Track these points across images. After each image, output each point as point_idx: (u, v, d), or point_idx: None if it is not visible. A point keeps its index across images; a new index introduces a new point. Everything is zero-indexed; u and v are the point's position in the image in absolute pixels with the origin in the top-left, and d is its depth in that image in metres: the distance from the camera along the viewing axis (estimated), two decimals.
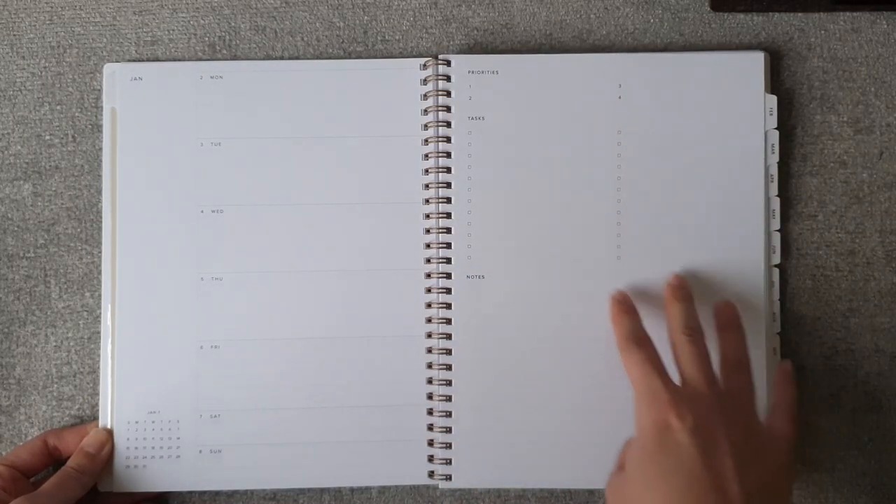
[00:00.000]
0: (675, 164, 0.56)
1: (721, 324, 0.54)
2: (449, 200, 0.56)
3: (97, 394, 0.57)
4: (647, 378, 0.48)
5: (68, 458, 0.55)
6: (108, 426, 0.56)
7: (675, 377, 0.50)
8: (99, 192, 0.58)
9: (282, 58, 0.58)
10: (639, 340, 0.51)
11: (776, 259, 0.56)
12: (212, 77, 0.57)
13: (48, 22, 0.59)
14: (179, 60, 0.58)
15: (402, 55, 0.58)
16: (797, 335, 0.57)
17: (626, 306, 0.54)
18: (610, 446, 0.55)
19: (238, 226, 0.56)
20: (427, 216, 0.56)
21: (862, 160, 0.58)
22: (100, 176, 0.58)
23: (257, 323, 0.56)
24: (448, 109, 0.56)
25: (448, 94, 0.56)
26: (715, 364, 0.51)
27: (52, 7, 0.59)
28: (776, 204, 0.57)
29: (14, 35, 0.58)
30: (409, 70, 0.57)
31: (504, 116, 0.56)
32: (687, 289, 0.54)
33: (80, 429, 0.56)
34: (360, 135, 0.57)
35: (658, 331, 0.55)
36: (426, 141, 0.57)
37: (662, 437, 0.46)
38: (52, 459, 0.55)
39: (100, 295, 0.57)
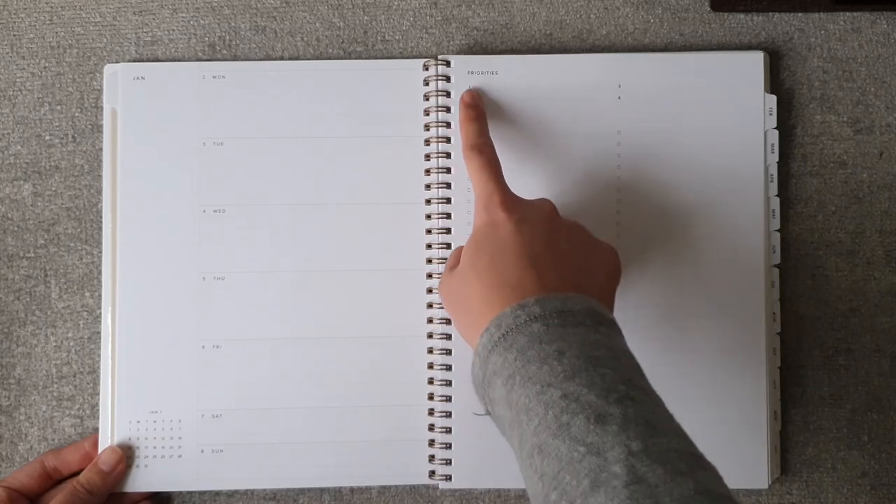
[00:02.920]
0: (674, 164, 0.56)
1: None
2: (449, 201, 0.56)
3: (97, 394, 0.57)
4: (486, 183, 0.50)
5: (69, 476, 0.55)
6: (109, 428, 0.55)
7: None
8: (99, 192, 0.58)
9: (282, 58, 0.58)
10: (482, 148, 0.52)
11: (776, 259, 0.56)
12: (214, 77, 0.57)
13: (48, 22, 0.58)
14: (179, 60, 0.58)
15: (402, 55, 0.59)
16: (797, 335, 0.58)
17: (476, 112, 0.55)
18: None
19: (240, 225, 0.56)
20: (428, 216, 0.56)
21: (862, 160, 0.58)
22: (100, 176, 0.58)
23: (259, 323, 0.56)
24: (448, 110, 0.56)
25: (448, 94, 0.56)
26: None
27: (52, 7, 0.59)
28: (776, 204, 0.57)
29: (14, 35, 0.58)
30: (410, 70, 0.57)
31: (504, 117, 0.56)
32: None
33: (78, 445, 0.56)
34: (360, 135, 0.57)
35: (658, 321, 0.56)
36: (427, 141, 0.57)
37: (492, 231, 0.48)
38: (52, 481, 0.55)
39: (100, 295, 0.57)
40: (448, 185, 0.56)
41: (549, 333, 0.42)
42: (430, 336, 0.56)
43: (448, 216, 0.56)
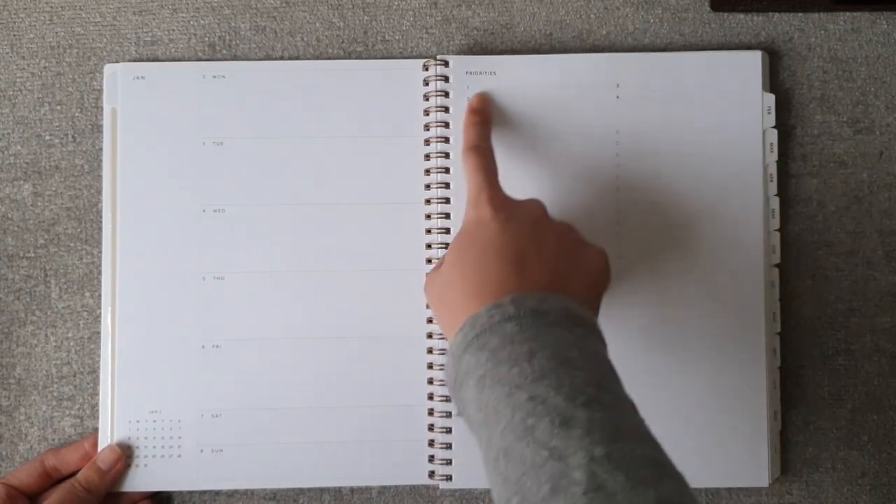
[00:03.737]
0: (674, 163, 0.56)
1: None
2: (449, 200, 0.56)
3: (97, 394, 0.57)
4: (478, 182, 0.50)
5: (69, 475, 0.55)
6: (109, 427, 0.55)
7: None
8: (99, 192, 0.58)
9: (282, 58, 0.58)
10: (480, 151, 0.52)
11: (776, 259, 0.56)
12: (214, 76, 0.57)
13: (48, 22, 0.59)
14: (179, 60, 0.58)
15: (402, 55, 0.59)
16: (797, 335, 0.57)
17: (481, 117, 0.54)
18: None
19: (240, 225, 0.56)
20: (427, 216, 0.56)
21: (862, 160, 0.58)
22: (100, 176, 0.58)
23: (259, 322, 0.56)
24: (447, 110, 0.56)
25: (447, 94, 0.56)
26: None
27: (52, 7, 0.59)
28: (776, 204, 0.57)
29: (14, 35, 0.58)
30: (410, 70, 0.57)
31: (504, 117, 0.56)
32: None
33: (78, 445, 0.56)
34: (360, 135, 0.57)
35: (658, 321, 0.56)
36: (426, 141, 0.57)
37: (478, 228, 0.48)
38: (52, 480, 0.55)
39: (100, 295, 0.57)
40: (448, 185, 0.56)
41: (521, 333, 0.42)
42: (429, 336, 0.56)
43: (448, 216, 0.56)
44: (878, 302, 0.58)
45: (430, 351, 0.56)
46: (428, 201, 0.56)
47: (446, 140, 0.56)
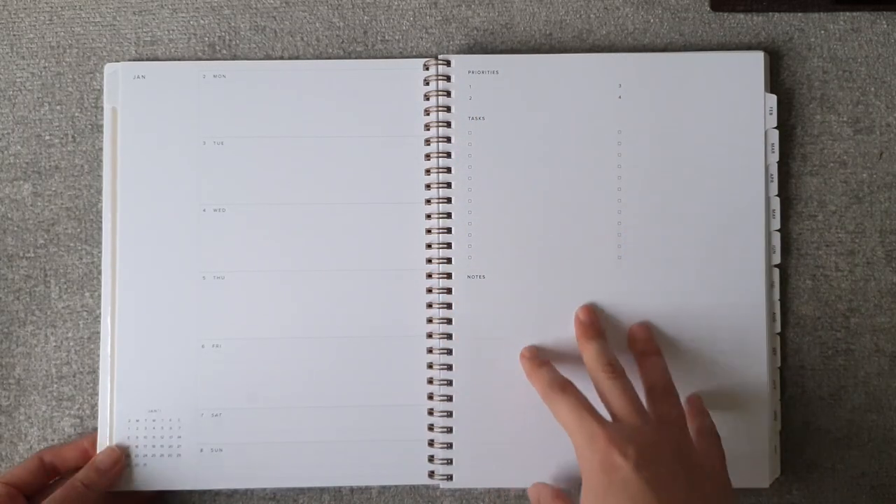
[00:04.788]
0: (675, 163, 0.56)
1: (639, 349, 0.54)
2: (449, 200, 0.56)
3: (97, 394, 0.57)
4: (581, 421, 0.48)
5: (67, 473, 0.55)
6: (108, 427, 0.55)
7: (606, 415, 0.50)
8: (99, 192, 0.58)
9: (282, 58, 0.58)
10: (562, 387, 0.51)
11: (776, 259, 0.56)
12: (215, 76, 0.57)
13: (48, 22, 0.58)
14: (180, 60, 0.58)
15: (402, 55, 0.59)
16: (797, 335, 0.58)
17: (538, 360, 0.54)
18: None
19: (240, 225, 0.56)
20: (428, 216, 0.56)
21: (862, 160, 0.58)
22: (100, 176, 0.58)
23: (258, 322, 0.56)
24: (448, 109, 0.56)
25: (448, 94, 0.56)
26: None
27: (52, 7, 0.59)
28: (776, 204, 0.57)
29: (14, 35, 0.58)
30: (410, 70, 0.57)
31: (504, 116, 0.56)
32: (597, 325, 0.54)
33: (77, 443, 0.56)
34: (360, 135, 0.57)
35: (658, 321, 0.56)
36: (427, 141, 0.57)
37: (609, 478, 0.46)
38: (49, 477, 0.55)
39: (100, 295, 0.57)
40: (448, 185, 0.56)
41: None
42: (429, 336, 0.56)
43: (448, 216, 0.56)
44: (878, 302, 0.58)
45: (430, 351, 0.56)
46: (428, 201, 0.56)
47: (447, 140, 0.56)
